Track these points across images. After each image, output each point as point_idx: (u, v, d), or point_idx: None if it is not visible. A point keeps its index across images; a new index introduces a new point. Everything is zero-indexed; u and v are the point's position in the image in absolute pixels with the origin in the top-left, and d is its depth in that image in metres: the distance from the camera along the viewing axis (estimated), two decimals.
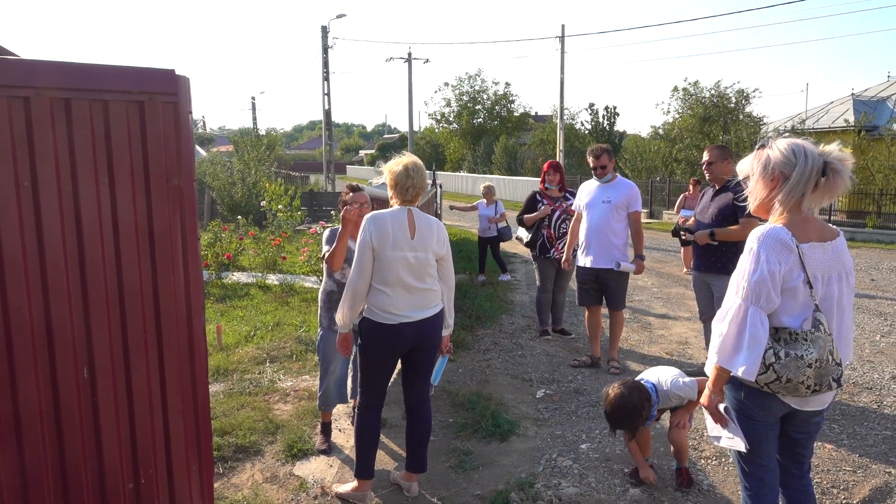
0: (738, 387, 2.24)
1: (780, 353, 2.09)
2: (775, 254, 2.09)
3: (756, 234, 2.15)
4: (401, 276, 3.06)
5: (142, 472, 2.26)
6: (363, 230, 3.11)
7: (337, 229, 3.73)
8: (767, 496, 2.32)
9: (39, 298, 2.02)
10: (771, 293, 2.09)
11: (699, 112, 24.35)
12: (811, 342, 2.09)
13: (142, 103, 2.13)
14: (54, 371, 2.06)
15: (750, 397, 2.22)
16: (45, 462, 2.07)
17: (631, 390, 3.22)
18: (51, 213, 2.01)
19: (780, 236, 2.10)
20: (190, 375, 2.33)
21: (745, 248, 2.17)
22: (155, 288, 2.21)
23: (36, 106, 1.96)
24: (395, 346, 3.16)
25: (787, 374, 2.08)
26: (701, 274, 4.88)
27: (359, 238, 3.11)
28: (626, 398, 3.19)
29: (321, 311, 3.91)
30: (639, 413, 3.19)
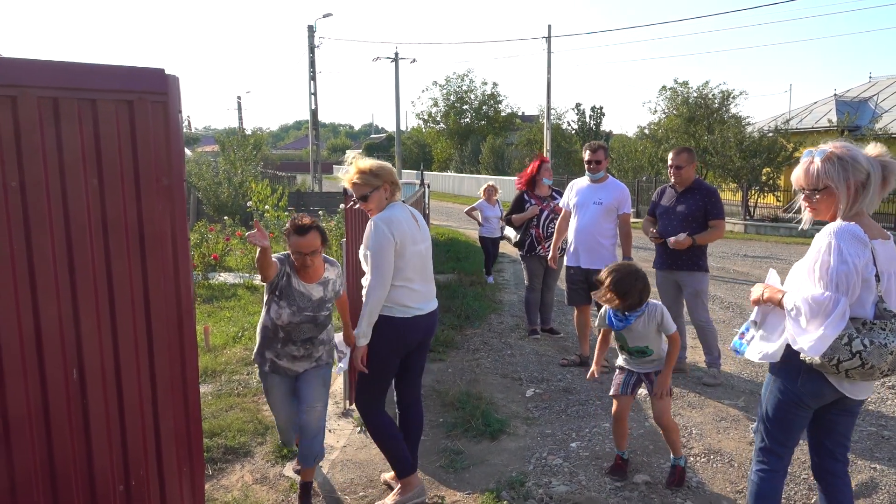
0: (795, 376, 2.38)
1: (865, 341, 2.21)
2: (854, 248, 2.23)
3: (832, 230, 2.28)
4: (417, 269, 3.14)
5: (132, 475, 2.24)
6: (380, 235, 3.01)
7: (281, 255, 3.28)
8: (781, 474, 2.52)
9: (28, 299, 1.99)
10: (856, 285, 2.23)
11: (684, 113, 24.52)
12: (889, 331, 2.24)
13: (131, 103, 2.11)
14: (43, 373, 2.04)
15: (806, 385, 2.36)
16: (35, 464, 2.05)
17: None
18: (39, 213, 1.99)
19: (856, 233, 2.25)
20: (181, 377, 2.31)
21: (818, 244, 2.29)
22: (145, 288, 2.19)
23: (23, 105, 1.93)
24: (408, 341, 3.18)
25: (872, 361, 2.21)
26: (669, 272, 4.99)
27: (376, 244, 3.01)
28: (632, 267, 3.30)
29: (257, 346, 3.39)
30: (644, 282, 3.26)
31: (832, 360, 2.22)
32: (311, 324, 3.26)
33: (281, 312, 3.20)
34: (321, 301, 3.28)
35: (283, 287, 3.22)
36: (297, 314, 3.20)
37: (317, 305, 3.26)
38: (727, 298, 8.42)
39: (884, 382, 5.04)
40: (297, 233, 3.12)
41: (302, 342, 3.27)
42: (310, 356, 3.33)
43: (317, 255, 3.18)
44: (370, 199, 3.15)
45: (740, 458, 3.68)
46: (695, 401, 4.62)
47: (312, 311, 3.24)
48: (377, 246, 3.01)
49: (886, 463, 3.62)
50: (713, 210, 4.80)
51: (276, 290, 3.23)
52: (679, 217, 4.82)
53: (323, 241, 3.20)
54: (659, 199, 5.08)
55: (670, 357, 3.35)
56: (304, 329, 3.25)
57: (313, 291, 3.26)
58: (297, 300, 3.21)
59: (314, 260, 3.18)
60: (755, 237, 16.95)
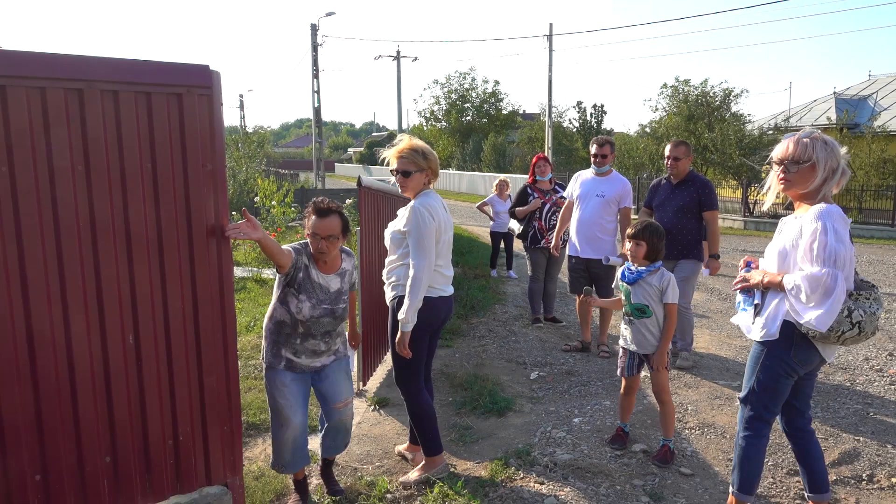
0: (788, 348, 2.61)
1: (860, 311, 2.46)
2: (843, 227, 2.47)
3: (819, 212, 2.49)
4: (445, 255, 3.33)
5: (180, 431, 2.48)
6: (426, 220, 3.14)
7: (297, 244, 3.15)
8: (766, 438, 2.79)
9: (91, 272, 2.23)
10: (849, 260, 2.46)
11: (685, 111, 24.73)
12: (874, 300, 2.51)
13: (180, 95, 2.35)
14: (104, 338, 2.28)
15: (799, 355, 2.61)
16: (97, 417, 2.29)
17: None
18: (101, 193, 2.23)
19: (841, 213, 2.50)
20: (222, 344, 2.56)
21: (807, 226, 2.49)
22: (192, 259, 2.44)
23: (89, 97, 2.18)
24: (437, 320, 3.35)
25: (867, 329, 2.48)
26: (666, 262, 5.19)
27: (422, 229, 3.12)
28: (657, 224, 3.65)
29: (267, 344, 3.14)
30: (664, 241, 3.60)
31: (836, 332, 2.46)
32: (330, 317, 3.13)
33: (301, 306, 3.03)
34: (339, 293, 3.16)
35: (302, 280, 3.05)
36: (316, 307, 3.06)
37: (334, 297, 3.14)
38: (724, 291, 8.65)
39: (872, 366, 5.27)
40: (317, 214, 3.01)
41: (322, 336, 3.13)
42: (329, 349, 3.20)
43: (334, 242, 3.04)
44: (412, 177, 3.26)
45: (731, 431, 3.92)
46: (691, 381, 4.86)
47: (330, 303, 3.12)
48: (424, 231, 3.14)
49: (869, 436, 3.86)
50: (707, 201, 4.99)
51: (293, 283, 3.05)
52: (674, 208, 5.00)
53: (344, 230, 3.08)
54: (654, 191, 5.27)
55: (667, 330, 3.56)
56: (324, 322, 3.11)
57: (331, 283, 3.15)
58: (316, 292, 3.07)
59: (330, 247, 3.03)
60: (754, 233, 17.15)
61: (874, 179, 18.71)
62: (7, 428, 2.14)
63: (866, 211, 18.24)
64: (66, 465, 2.26)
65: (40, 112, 2.10)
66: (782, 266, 2.64)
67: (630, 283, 3.61)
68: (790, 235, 2.62)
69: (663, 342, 3.54)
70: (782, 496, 3.21)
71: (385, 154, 3.39)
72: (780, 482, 3.34)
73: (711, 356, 5.59)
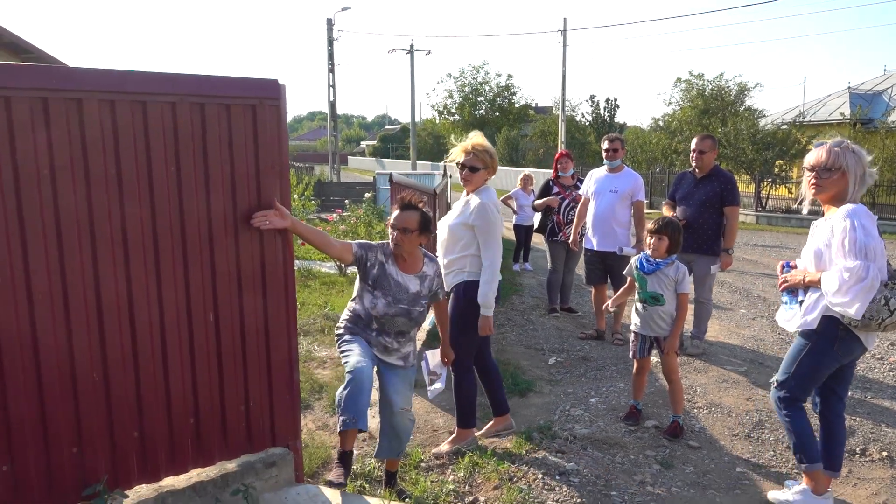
0: (831, 342, 2.83)
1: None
2: (870, 223, 2.71)
3: (846, 210, 2.75)
4: None
5: (251, 398, 2.85)
6: (495, 215, 3.47)
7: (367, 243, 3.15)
8: (804, 411, 3.02)
9: (181, 259, 2.60)
10: (879, 253, 2.69)
11: (699, 105, 24.87)
12: None
13: (254, 106, 2.71)
14: (190, 315, 2.65)
15: (842, 348, 2.85)
16: (183, 385, 2.66)
17: None
18: (188, 192, 2.59)
19: (867, 210, 2.76)
20: (286, 323, 2.92)
21: (837, 225, 2.74)
22: (262, 251, 2.80)
23: (180, 108, 2.53)
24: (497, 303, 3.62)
25: None
26: (684, 255, 5.44)
27: (494, 223, 3.46)
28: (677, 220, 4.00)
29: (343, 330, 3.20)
30: (681, 231, 3.92)
31: (877, 320, 2.71)
32: (406, 318, 3.13)
33: (376, 302, 3.08)
34: (417, 295, 3.14)
35: (377, 276, 3.10)
36: (392, 305, 3.08)
37: (412, 299, 3.12)
38: (735, 284, 8.94)
39: (874, 354, 5.57)
40: (400, 208, 3.11)
41: (395, 335, 3.17)
42: (399, 350, 3.21)
43: (409, 236, 3.06)
44: (477, 174, 3.55)
45: (737, 410, 4.25)
46: (700, 367, 5.18)
47: (408, 304, 3.11)
48: (493, 225, 3.44)
49: (865, 416, 4.17)
50: (729, 196, 5.20)
51: (366, 279, 3.12)
52: (698, 202, 5.20)
53: (421, 227, 3.10)
54: (678, 184, 5.50)
55: (680, 318, 3.88)
56: (399, 322, 3.13)
57: (410, 284, 3.14)
58: (392, 290, 3.09)
59: (404, 240, 3.05)
60: (767, 227, 17.37)
61: (887, 175, 18.80)
62: (114, 397, 2.51)
63: (879, 206, 18.36)
64: (159, 425, 2.63)
65: (142, 123, 2.46)
66: (819, 265, 2.87)
67: (648, 273, 3.91)
68: (822, 236, 2.86)
69: (675, 328, 3.86)
70: (781, 467, 3.54)
71: (453, 151, 3.65)
72: (780, 454, 3.67)
73: (720, 344, 5.90)
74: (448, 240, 3.63)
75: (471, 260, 3.55)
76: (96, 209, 2.40)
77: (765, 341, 6.03)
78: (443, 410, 4.42)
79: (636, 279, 4.01)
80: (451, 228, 3.59)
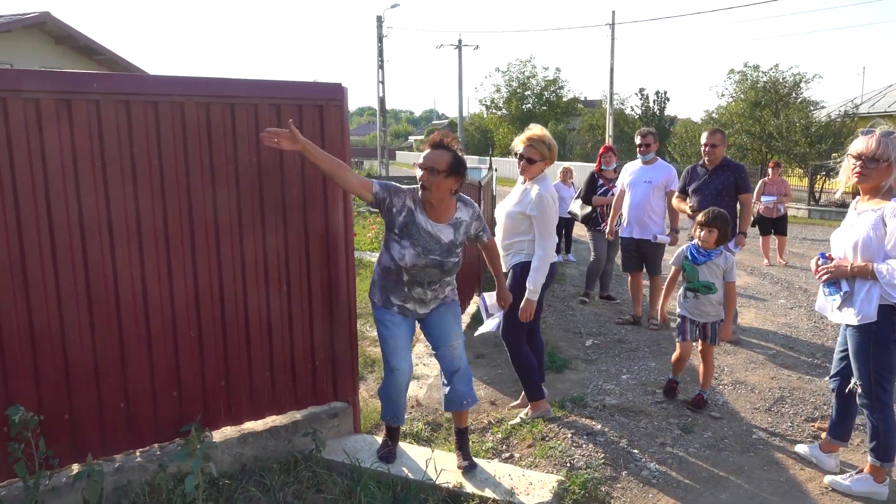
0: (891, 326, 2.91)
1: None
2: None
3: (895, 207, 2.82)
4: None
5: (317, 357, 3.32)
6: (551, 206, 3.60)
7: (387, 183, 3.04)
8: (892, 406, 3.05)
9: (260, 238, 3.07)
10: None
11: (751, 97, 24.40)
12: None
13: (321, 107, 3.16)
14: (268, 287, 3.13)
15: None
16: (261, 344, 3.15)
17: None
18: (269, 184, 3.06)
19: None
20: (346, 294, 3.37)
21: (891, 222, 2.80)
22: (327, 229, 3.26)
23: (261, 111, 3.00)
24: (547, 283, 3.77)
25: None
26: None
27: (550, 213, 3.60)
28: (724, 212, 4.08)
29: (376, 288, 3.19)
30: (729, 222, 4.05)
31: None
32: (438, 269, 2.98)
33: (404, 253, 2.92)
34: (451, 245, 3.00)
35: (404, 224, 2.94)
36: (421, 256, 2.93)
37: (446, 249, 2.98)
38: (777, 276, 9.01)
39: None
40: (430, 145, 2.93)
41: (429, 285, 3.05)
42: (437, 297, 3.14)
43: (436, 177, 2.85)
44: (535, 165, 3.70)
45: (761, 388, 4.51)
46: (730, 349, 5.42)
47: (440, 254, 2.96)
48: (550, 216, 3.61)
49: None
50: (742, 184, 5.43)
51: (392, 227, 2.96)
52: (713, 192, 5.43)
53: (451, 168, 2.87)
54: (689, 177, 5.71)
55: (729, 305, 4.06)
56: (431, 273, 3.00)
57: (442, 233, 2.98)
58: (423, 240, 2.94)
59: (431, 181, 2.86)
60: (818, 222, 17.05)
61: None
62: (206, 352, 3.02)
63: None
64: (241, 377, 3.13)
65: (231, 123, 2.94)
66: (864, 255, 2.91)
67: (700, 264, 4.04)
68: (865, 226, 2.91)
69: (728, 316, 4.07)
70: (797, 436, 3.81)
71: (514, 141, 3.85)
72: (798, 426, 3.93)
73: (754, 329, 6.11)
74: (507, 225, 3.79)
75: (528, 244, 3.71)
76: (201, 195, 2.91)
77: (799, 328, 6.20)
78: (483, 383, 4.81)
79: (687, 270, 4.13)
80: (510, 215, 3.76)
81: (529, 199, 3.66)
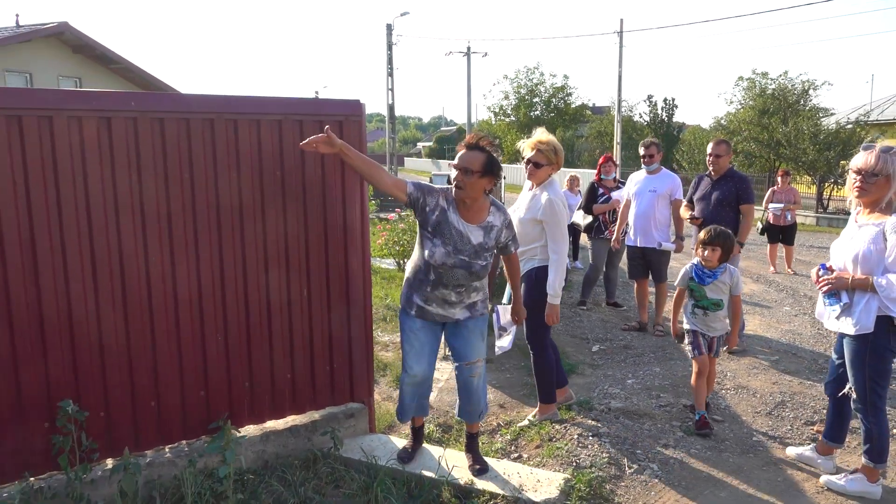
0: (887, 337, 3.02)
1: None
2: None
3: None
4: None
5: (335, 360, 3.49)
6: (561, 210, 3.68)
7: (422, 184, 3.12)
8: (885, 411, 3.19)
9: (283, 247, 3.25)
10: None
11: (759, 104, 24.45)
12: None
13: (342, 122, 3.34)
14: (290, 293, 3.31)
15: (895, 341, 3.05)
16: (283, 347, 3.33)
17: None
18: (291, 194, 3.25)
19: None
20: (362, 300, 3.54)
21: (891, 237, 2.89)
22: (345, 239, 3.43)
23: (285, 126, 3.19)
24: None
25: None
26: None
27: (558, 218, 3.67)
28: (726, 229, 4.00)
29: (404, 287, 3.24)
30: (732, 240, 3.97)
31: None
32: (465, 270, 3.01)
33: (434, 251, 2.97)
34: (480, 247, 3.03)
35: (437, 223, 3.00)
36: (451, 255, 2.97)
37: (475, 251, 3.01)
38: (783, 283, 9.12)
39: None
40: (465, 146, 3.01)
41: (454, 287, 3.07)
42: (462, 302, 3.13)
43: (471, 178, 2.94)
44: (542, 169, 3.77)
45: (762, 392, 4.64)
46: (734, 355, 5.55)
47: (469, 255, 3.00)
48: (561, 220, 3.69)
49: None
50: (744, 195, 5.56)
51: (426, 224, 3.03)
52: (714, 201, 5.57)
53: (485, 169, 2.96)
54: (696, 187, 5.87)
55: (736, 316, 4.10)
56: (458, 274, 3.02)
57: (472, 234, 3.03)
58: (454, 239, 2.98)
59: (466, 181, 2.94)
60: (826, 230, 17.11)
61: None
62: (232, 354, 3.20)
63: None
64: (263, 378, 3.30)
65: (257, 138, 3.13)
66: (864, 268, 3.01)
67: (706, 284, 3.98)
68: (865, 240, 3.00)
69: (734, 326, 4.14)
70: (796, 439, 3.94)
71: (521, 144, 3.94)
72: (797, 429, 4.07)
73: (758, 337, 6.23)
74: (519, 232, 3.76)
75: (541, 248, 3.78)
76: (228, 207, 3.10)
77: (802, 335, 6.32)
78: (492, 387, 4.96)
79: (694, 290, 4.06)
80: (522, 223, 3.82)
81: (539, 204, 3.74)
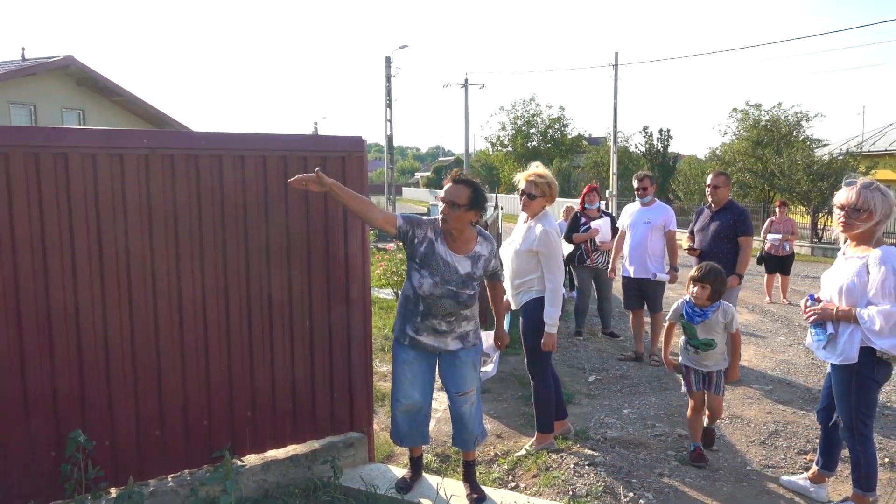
0: (871, 368, 3.08)
1: None
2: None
3: (881, 256, 2.97)
4: None
5: (335, 390, 3.56)
6: (557, 241, 3.77)
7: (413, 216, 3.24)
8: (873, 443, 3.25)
9: (287, 279, 3.35)
10: None
11: (753, 135, 24.83)
12: None
13: (344, 157, 3.47)
14: (292, 323, 3.39)
15: (880, 372, 3.10)
16: (285, 379, 3.40)
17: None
18: (295, 220, 3.35)
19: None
20: (363, 327, 3.63)
21: (874, 269, 2.96)
22: (347, 270, 3.53)
23: (291, 161, 3.31)
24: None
25: None
26: None
27: (554, 249, 3.74)
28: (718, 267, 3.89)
29: (396, 318, 3.36)
30: (724, 279, 3.86)
31: None
32: (453, 300, 3.07)
33: (422, 282, 3.04)
34: (468, 277, 3.09)
35: (425, 254, 3.06)
36: (439, 286, 3.03)
37: (462, 281, 3.07)
38: (778, 313, 9.21)
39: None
40: (451, 180, 3.09)
41: (443, 316, 3.12)
42: (453, 331, 3.18)
43: (457, 211, 3.01)
44: (536, 201, 3.86)
45: (756, 422, 4.70)
46: (729, 385, 5.61)
47: (456, 286, 3.05)
48: (556, 250, 3.77)
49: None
50: (741, 227, 5.67)
51: (414, 256, 3.08)
52: (712, 233, 5.68)
53: (471, 203, 3.04)
54: (697, 218, 6.00)
55: (735, 351, 3.94)
56: (445, 304, 3.08)
57: (460, 264, 3.08)
58: (441, 270, 3.05)
59: (451, 214, 3.02)
60: (821, 259, 17.25)
61: None
62: (235, 385, 3.27)
63: None
64: (264, 408, 3.36)
65: (262, 173, 3.25)
66: (848, 300, 3.08)
67: (697, 324, 3.88)
68: (850, 272, 3.07)
69: (734, 360, 3.97)
70: (789, 468, 3.99)
71: (517, 176, 4.02)
72: (791, 459, 4.12)
73: (752, 366, 6.30)
74: (516, 264, 3.92)
75: (538, 280, 3.86)
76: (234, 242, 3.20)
77: (796, 365, 6.39)
78: (489, 416, 5.01)
79: (685, 328, 3.99)
80: (518, 254, 3.89)
81: (535, 235, 3.83)
